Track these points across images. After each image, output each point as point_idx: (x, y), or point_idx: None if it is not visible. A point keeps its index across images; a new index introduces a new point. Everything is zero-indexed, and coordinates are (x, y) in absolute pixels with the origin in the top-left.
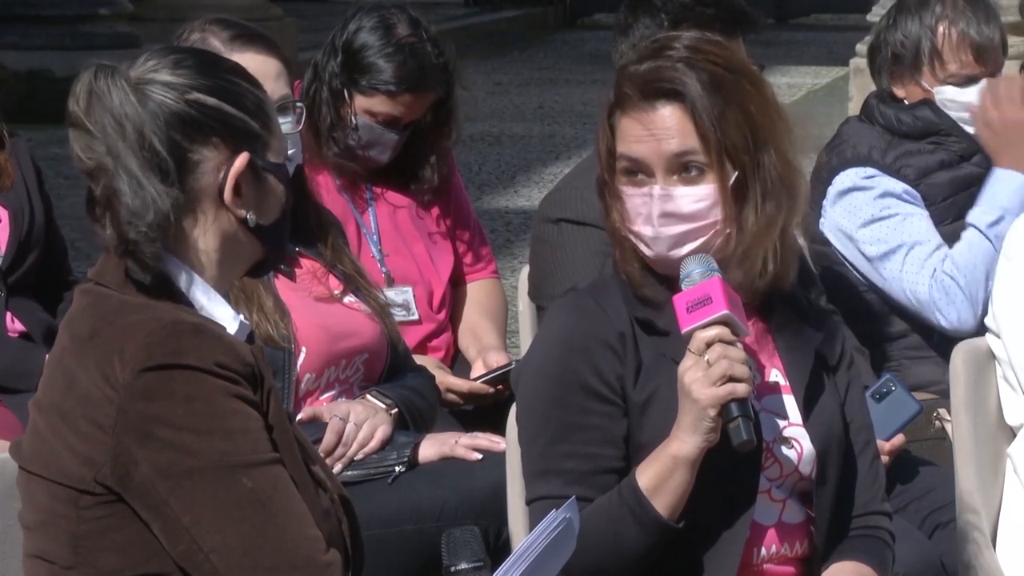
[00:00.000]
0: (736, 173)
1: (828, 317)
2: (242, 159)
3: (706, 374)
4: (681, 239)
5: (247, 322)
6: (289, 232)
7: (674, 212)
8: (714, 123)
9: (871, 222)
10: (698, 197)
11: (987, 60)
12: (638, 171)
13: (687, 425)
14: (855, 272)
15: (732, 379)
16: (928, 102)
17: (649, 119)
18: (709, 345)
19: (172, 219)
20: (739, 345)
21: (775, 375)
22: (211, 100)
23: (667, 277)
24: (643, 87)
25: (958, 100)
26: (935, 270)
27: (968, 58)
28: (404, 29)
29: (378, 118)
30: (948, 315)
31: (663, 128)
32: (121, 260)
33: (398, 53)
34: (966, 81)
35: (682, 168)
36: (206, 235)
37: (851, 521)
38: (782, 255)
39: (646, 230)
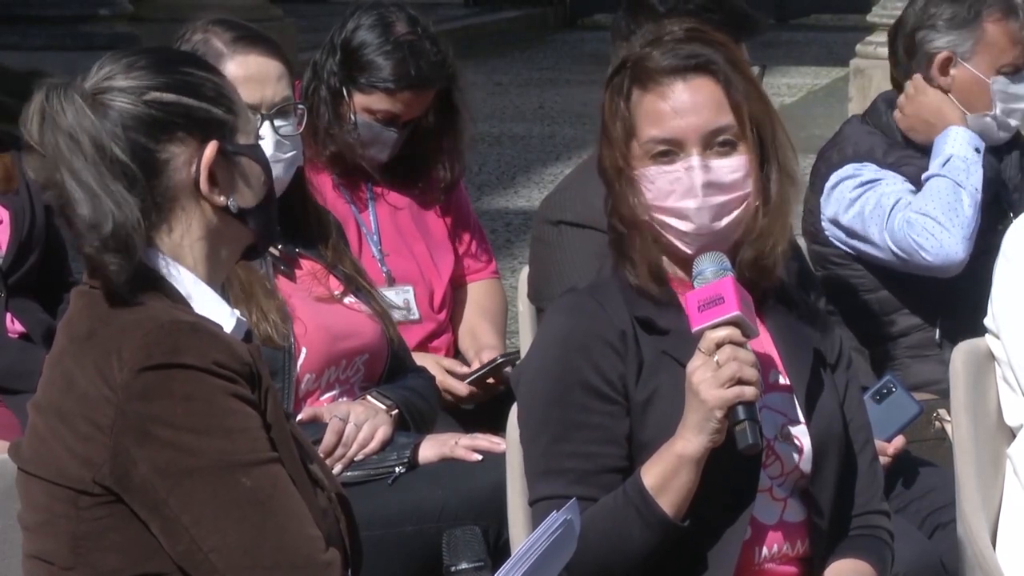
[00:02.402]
0: (760, 148)
1: (825, 317)
2: (211, 148)
3: (715, 375)
4: (722, 210)
5: (244, 319)
6: (276, 211)
7: (715, 182)
8: (742, 95)
9: (856, 200)
10: (733, 168)
11: None
12: (668, 150)
13: (693, 424)
14: (856, 263)
15: (741, 382)
16: None
17: (681, 92)
18: (719, 346)
19: (141, 225)
20: (749, 347)
21: (775, 373)
22: (170, 96)
23: (672, 274)
24: (669, 63)
25: (1008, 91)
26: (903, 214)
27: (1020, 49)
28: (403, 27)
29: (377, 116)
30: (930, 248)
31: (697, 101)
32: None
33: (397, 51)
34: (1014, 72)
35: (716, 142)
36: (191, 230)
37: (851, 520)
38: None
39: (687, 203)
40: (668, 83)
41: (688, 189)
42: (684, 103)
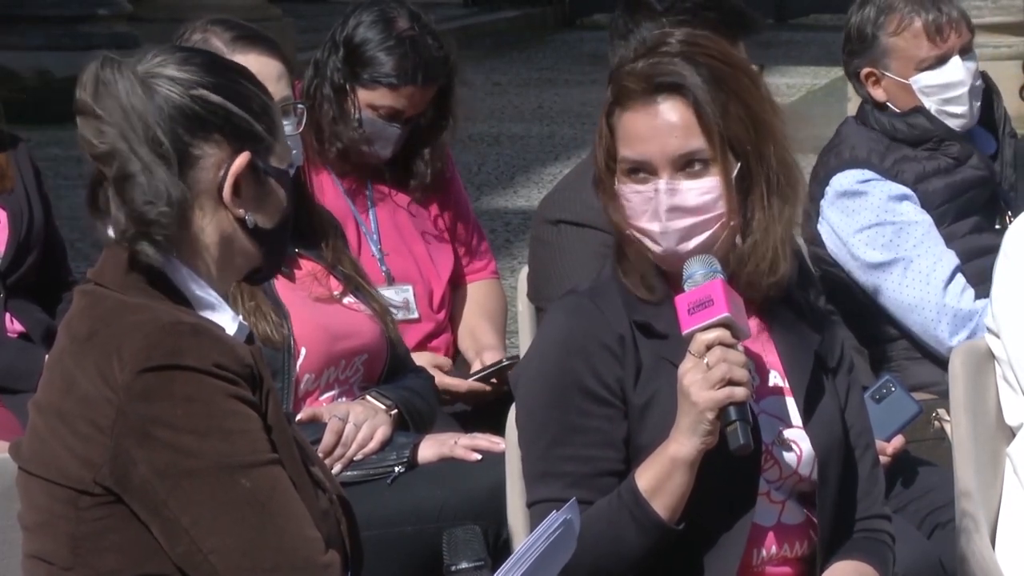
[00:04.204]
0: (739, 165)
1: (827, 319)
2: (243, 158)
3: (705, 377)
4: (688, 232)
5: (246, 323)
6: (288, 242)
7: (680, 206)
8: (717, 115)
9: (868, 227)
10: (704, 190)
11: (948, 34)
12: (640, 170)
13: (685, 427)
14: (846, 274)
15: (731, 383)
16: (921, 110)
17: (652, 115)
18: (709, 347)
19: (186, 204)
20: (740, 348)
21: (774, 377)
22: (215, 97)
23: (670, 277)
24: (644, 82)
25: (933, 84)
26: (963, 289)
27: (928, 42)
28: (404, 23)
29: (380, 112)
30: (949, 334)
31: (667, 124)
32: (127, 250)
33: (399, 46)
34: (937, 62)
35: (686, 164)
36: (204, 232)
37: (853, 524)
38: (784, 250)
39: (653, 226)
40: (641, 104)
41: (654, 212)
42: (653, 127)
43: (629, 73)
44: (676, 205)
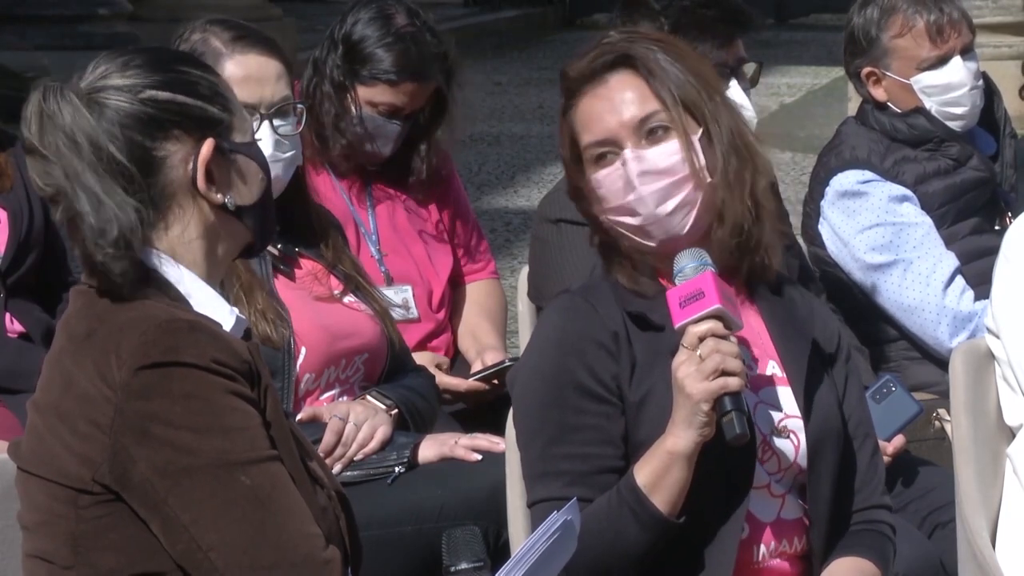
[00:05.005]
0: (701, 129)
1: (824, 309)
2: (208, 145)
3: (699, 368)
4: (664, 194)
5: (243, 317)
6: (274, 209)
7: (650, 169)
8: (668, 79)
9: (868, 228)
10: (670, 151)
11: (949, 35)
12: (606, 152)
13: (681, 420)
14: (846, 275)
15: (725, 373)
16: (921, 110)
17: (604, 92)
18: (702, 339)
19: (140, 228)
20: (732, 339)
21: (771, 367)
22: (165, 94)
23: (661, 272)
24: (591, 64)
25: (935, 84)
26: (963, 290)
27: (929, 42)
28: (402, 19)
29: (380, 108)
30: (949, 336)
31: (620, 97)
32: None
33: (398, 42)
34: (939, 62)
35: (647, 132)
36: (188, 228)
37: (851, 516)
38: (758, 217)
39: (629, 197)
40: (591, 87)
41: (626, 183)
42: (608, 102)
43: (576, 66)
44: (646, 169)
